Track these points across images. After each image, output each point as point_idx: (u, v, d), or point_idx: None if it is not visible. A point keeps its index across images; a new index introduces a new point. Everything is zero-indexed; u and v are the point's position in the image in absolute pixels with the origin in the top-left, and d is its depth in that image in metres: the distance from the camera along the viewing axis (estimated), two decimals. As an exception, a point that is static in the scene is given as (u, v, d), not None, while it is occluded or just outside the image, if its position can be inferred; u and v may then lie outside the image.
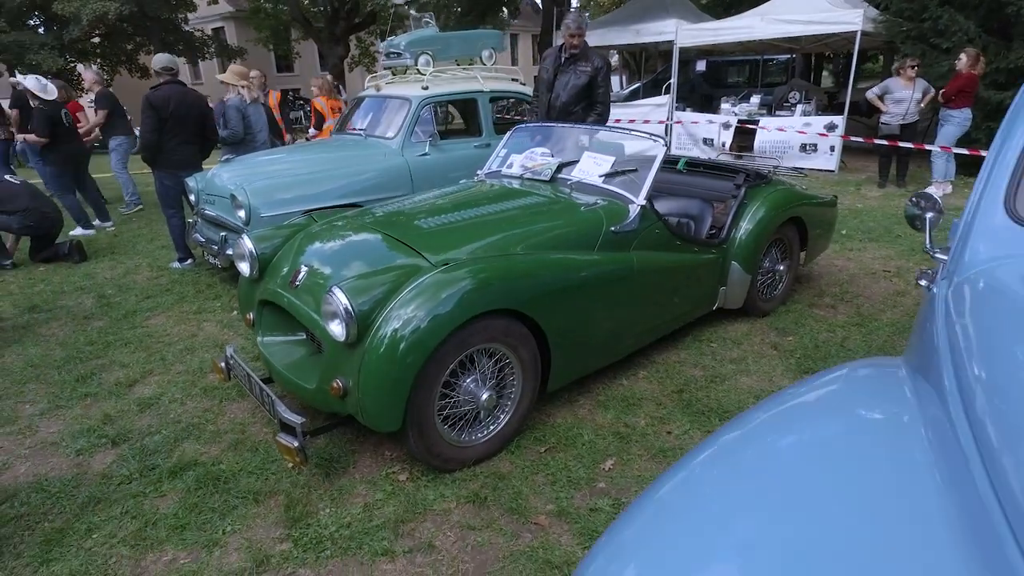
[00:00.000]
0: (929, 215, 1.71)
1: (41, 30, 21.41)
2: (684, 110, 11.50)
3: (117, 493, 2.52)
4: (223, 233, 4.65)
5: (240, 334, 4.08)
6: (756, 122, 10.14)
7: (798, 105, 10.30)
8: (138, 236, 6.92)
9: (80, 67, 23.44)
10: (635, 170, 3.25)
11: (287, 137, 7.89)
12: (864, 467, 0.99)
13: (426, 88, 5.25)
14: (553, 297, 2.65)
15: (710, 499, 1.01)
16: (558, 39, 13.97)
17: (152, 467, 2.67)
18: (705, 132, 10.69)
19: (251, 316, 3.02)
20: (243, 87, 5.78)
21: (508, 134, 3.97)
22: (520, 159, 3.72)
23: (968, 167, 8.18)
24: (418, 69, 5.56)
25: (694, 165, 4.47)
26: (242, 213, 4.35)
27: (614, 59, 16.36)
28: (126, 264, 5.83)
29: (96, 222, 7.28)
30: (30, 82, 6.45)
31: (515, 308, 2.50)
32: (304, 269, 2.74)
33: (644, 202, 3.12)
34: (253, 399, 3.16)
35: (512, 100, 6.48)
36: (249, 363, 3.06)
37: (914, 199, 1.76)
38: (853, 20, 9.00)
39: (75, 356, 3.83)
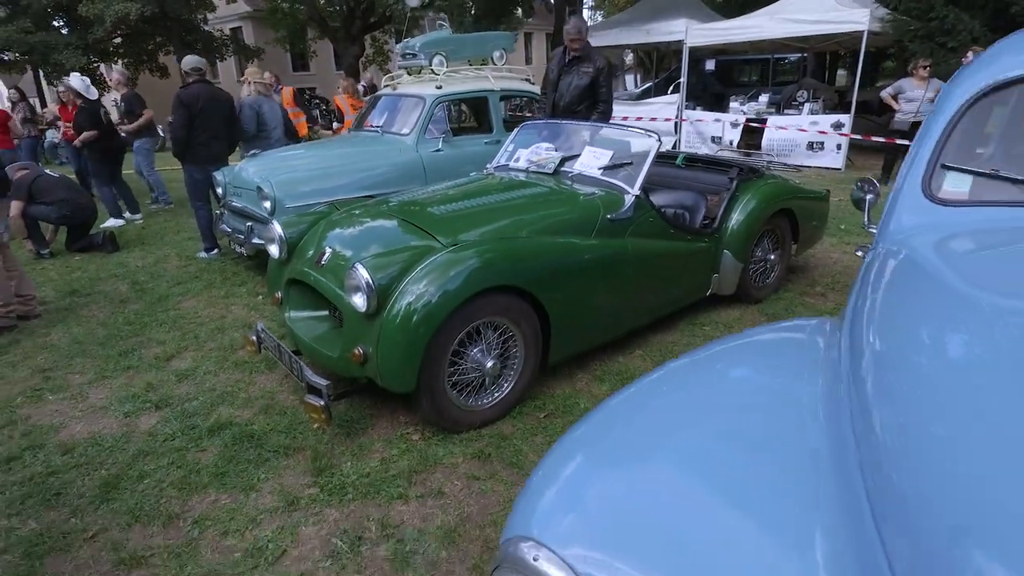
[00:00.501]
0: (868, 196, 1.98)
1: (65, 31, 22.10)
2: (695, 108, 11.74)
3: (163, 448, 2.86)
4: (249, 223, 4.99)
5: (265, 316, 4.42)
6: (764, 121, 10.36)
7: (805, 104, 10.50)
8: (165, 228, 7.31)
9: (103, 68, 24.13)
10: (631, 163, 3.54)
11: (305, 132, 8.23)
12: (773, 400, 1.25)
13: (440, 87, 5.56)
14: (553, 277, 2.95)
15: (654, 411, 1.29)
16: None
17: (192, 427, 3.01)
18: (713, 130, 10.92)
19: (279, 295, 3.35)
20: (256, 83, 6.11)
21: (515, 131, 4.27)
22: (526, 154, 4.02)
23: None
24: (432, 69, 5.88)
25: (692, 160, 4.74)
26: (267, 204, 4.69)
27: (628, 58, 16.59)
28: (156, 254, 6.20)
29: (127, 215, 7.69)
30: (75, 82, 6.88)
31: (517, 285, 2.81)
32: (328, 251, 3.06)
33: (639, 192, 3.40)
34: (281, 371, 3.49)
35: (524, 99, 6.76)
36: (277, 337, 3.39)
37: (858, 183, 2.04)
38: (860, 20, 9.20)
39: (115, 334, 4.20)
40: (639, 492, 1.03)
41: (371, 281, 2.60)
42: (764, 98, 11.33)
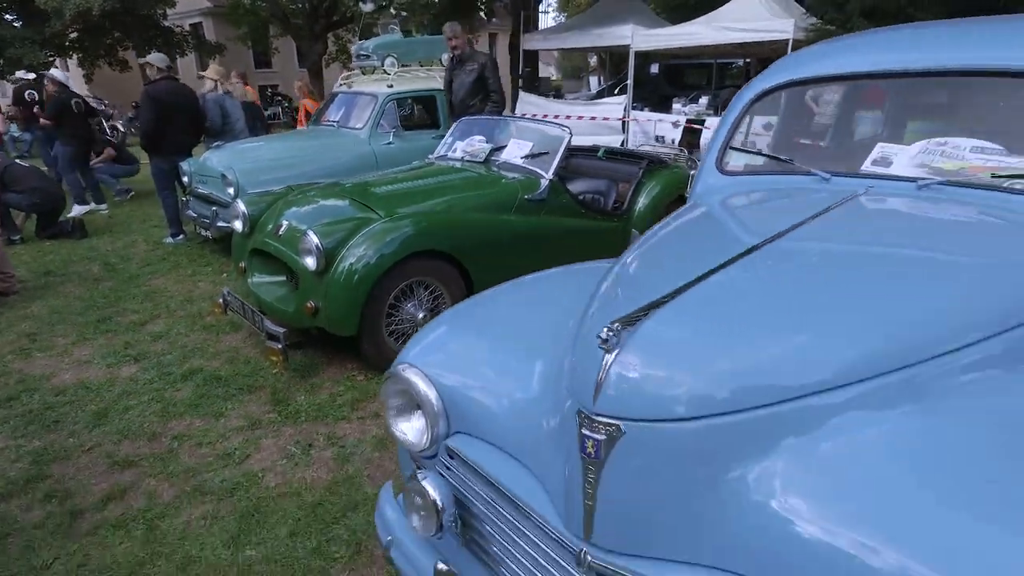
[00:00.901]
0: (692, 172, 2.65)
1: (18, 24, 21.90)
2: (643, 109, 12.52)
3: (143, 389, 3.39)
4: (214, 208, 5.50)
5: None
6: (703, 121, 11.17)
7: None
8: (131, 217, 7.72)
9: (52, 71, 23.91)
10: (547, 153, 4.19)
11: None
12: (578, 293, 1.85)
13: (391, 86, 6.15)
14: (475, 245, 3.57)
15: (498, 302, 1.90)
16: (527, 41, 14.88)
17: (168, 373, 3.55)
18: (658, 130, 11.70)
19: (243, 265, 3.90)
20: (220, 82, 6.62)
21: (454, 126, 4.88)
22: (462, 145, 4.64)
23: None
24: (384, 70, 6.45)
25: (612, 153, 5.42)
26: (231, 190, 5.21)
27: (593, 60, 17.37)
28: (124, 240, 6.64)
29: (91, 204, 8.05)
30: (58, 73, 7.34)
31: (443, 250, 3.42)
32: (285, 223, 3.63)
33: (552, 177, 4.05)
34: (245, 331, 4.04)
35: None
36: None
37: (688, 162, 2.71)
38: (785, 28, 10.07)
39: (92, 306, 4.68)
40: (477, 343, 1.64)
41: (320, 244, 3.19)
42: (704, 100, 12.17)
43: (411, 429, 1.55)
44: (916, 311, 1.24)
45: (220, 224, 5.35)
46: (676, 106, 12.20)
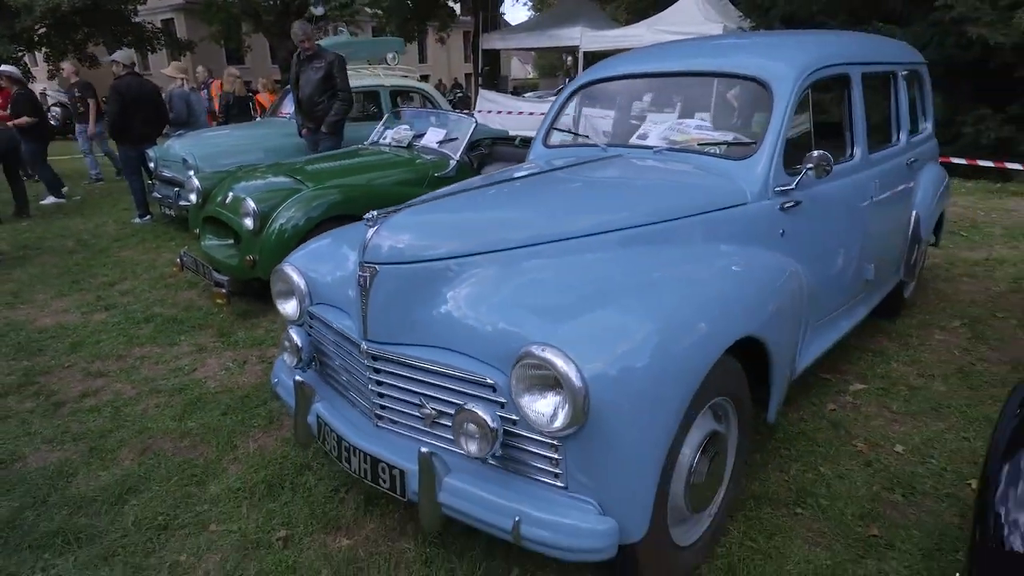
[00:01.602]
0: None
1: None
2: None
3: (113, 329, 4.17)
4: (176, 189, 6.26)
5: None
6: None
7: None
8: (102, 203, 8.43)
9: (4, 67, 24.20)
10: (456, 138, 5.04)
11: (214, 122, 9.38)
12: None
13: (338, 82, 6.93)
14: (388, 212, 4.40)
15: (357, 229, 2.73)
16: (485, 41, 15.71)
17: (132, 317, 4.33)
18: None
19: (197, 231, 4.70)
20: (183, 79, 7.40)
21: (384, 117, 5.72)
22: (391, 133, 5.48)
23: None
24: (333, 67, 7.24)
25: (526, 141, 6.28)
26: (191, 172, 5.97)
27: (568, 61, 18.22)
28: (95, 221, 7.37)
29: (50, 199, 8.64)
30: (10, 69, 7.94)
31: (360, 215, 4.24)
32: (231, 195, 4.43)
33: (458, 157, 4.89)
34: (199, 288, 4.83)
35: (414, 93, 8.16)
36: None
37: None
38: (715, 32, 11.02)
39: (67, 272, 5.43)
40: (335, 248, 2.47)
41: (255, 208, 4.00)
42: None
43: (289, 306, 2.38)
44: (590, 208, 2.13)
45: (182, 203, 6.10)
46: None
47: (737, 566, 2.07)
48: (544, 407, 1.60)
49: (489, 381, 1.71)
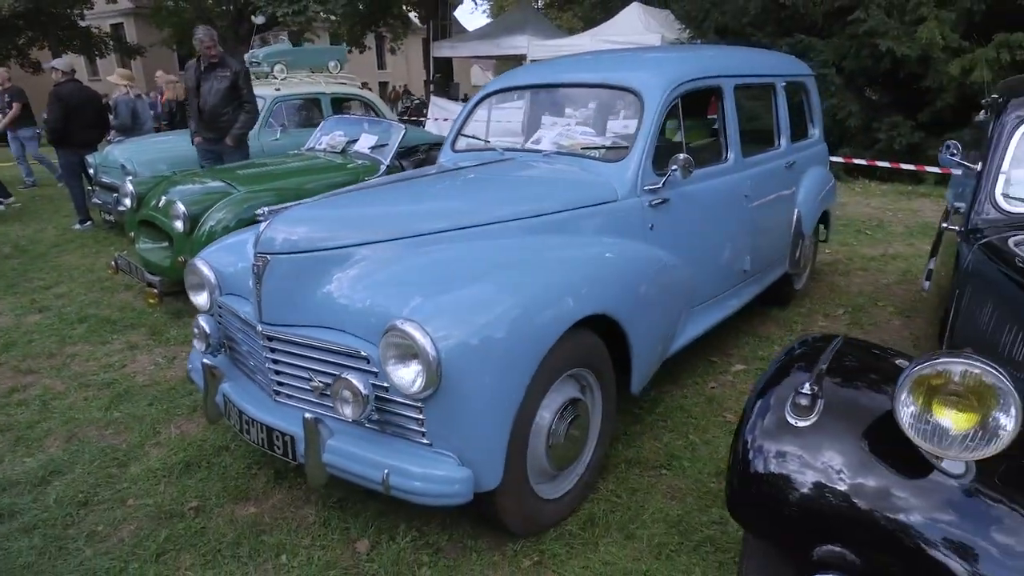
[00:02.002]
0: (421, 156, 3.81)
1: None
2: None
3: (46, 329, 4.29)
4: (115, 195, 6.34)
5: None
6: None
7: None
8: (42, 209, 8.41)
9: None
10: (387, 144, 5.28)
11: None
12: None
13: (278, 90, 7.13)
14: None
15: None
16: (436, 49, 15.94)
17: (66, 319, 4.46)
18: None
19: (132, 234, 4.84)
20: (128, 86, 7.48)
21: (321, 124, 5.93)
22: (327, 139, 5.69)
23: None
24: (274, 75, 7.43)
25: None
26: (130, 178, 6.08)
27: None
28: (34, 227, 7.38)
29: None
30: None
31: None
32: (164, 198, 4.60)
33: (389, 162, 5.14)
34: (135, 290, 4.97)
35: (355, 101, 8.35)
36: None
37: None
38: (653, 41, 11.50)
39: (3, 276, 5.49)
40: (240, 242, 2.70)
41: (185, 211, 4.19)
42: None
43: (201, 297, 2.60)
44: (471, 203, 2.41)
45: (121, 208, 6.20)
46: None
47: (597, 515, 2.36)
48: (407, 374, 1.87)
49: (363, 354, 1.97)
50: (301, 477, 2.61)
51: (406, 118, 14.70)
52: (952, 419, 1.28)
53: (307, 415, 1.99)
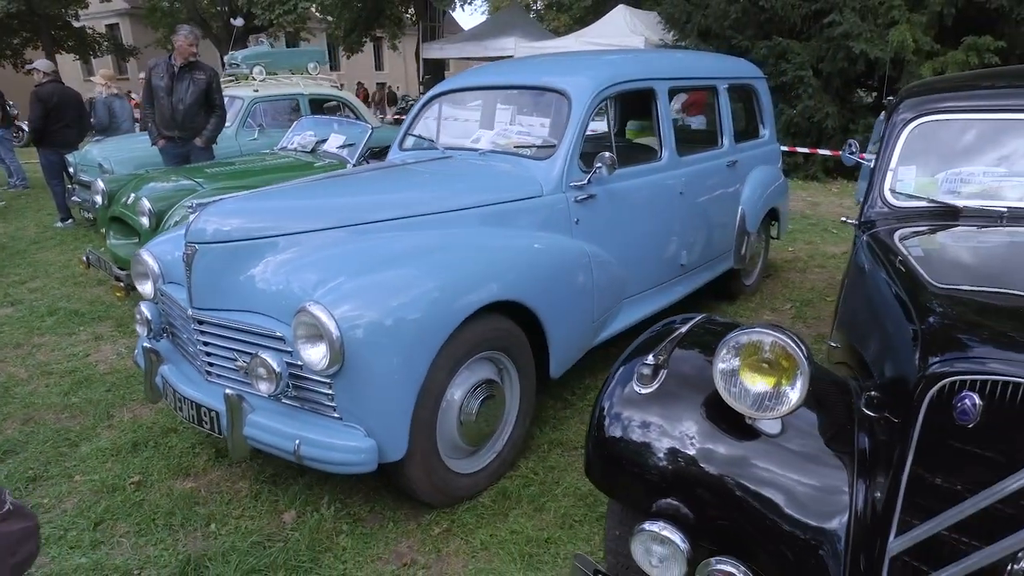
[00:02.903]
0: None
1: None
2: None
3: (16, 322, 4.49)
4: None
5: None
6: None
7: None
8: (26, 207, 8.61)
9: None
10: (354, 144, 5.48)
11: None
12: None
13: (256, 91, 7.33)
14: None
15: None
16: (426, 50, 16.16)
17: (37, 312, 4.65)
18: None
19: (104, 230, 5.03)
20: (106, 86, 7.70)
21: (293, 124, 6.12)
22: (298, 138, 5.89)
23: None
24: (252, 76, 7.63)
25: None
26: (100, 176, 6.28)
27: None
28: (16, 224, 7.58)
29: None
30: None
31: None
32: (133, 195, 4.79)
33: (355, 161, 5.33)
34: (107, 285, 5.16)
35: (335, 102, 8.55)
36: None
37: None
38: (637, 45, 11.70)
39: (-20, 272, 5.69)
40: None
41: (151, 208, 4.38)
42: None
43: (145, 287, 2.79)
44: (393, 195, 2.59)
45: (94, 205, 6.41)
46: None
47: (511, 490, 2.55)
48: (315, 353, 2.05)
49: (279, 334, 2.16)
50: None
51: (401, 118, 14.91)
52: (752, 382, 1.46)
53: (228, 391, 2.18)
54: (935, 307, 1.62)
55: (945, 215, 2.39)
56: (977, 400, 1.27)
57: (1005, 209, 2.26)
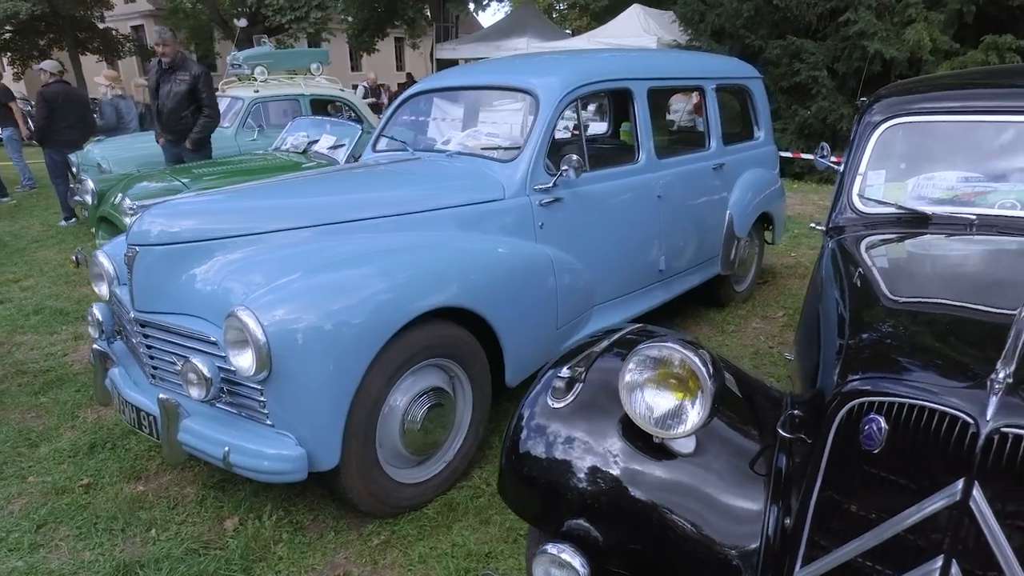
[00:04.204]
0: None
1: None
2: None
3: (2, 321, 4.55)
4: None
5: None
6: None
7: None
8: (34, 206, 8.78)
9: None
10: (343, 144, 5.47)
11: None
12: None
13: (257, 92, 7.38)
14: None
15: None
16: (439, 50, 16.23)
17: (23, 310, 4.71)
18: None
19: (93, 230, 5.10)
20: (111, 86, 7.82)
21: (287, 126, 6.15)
22: (292, 139, 5.91)
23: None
24: (254, 77, 7.69)
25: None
26: (89, 176, 6.37)
27: None
28: (22, 223, 7.73)
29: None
30: None
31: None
32: (120, 195, 4.84)
33: (343, 161, 5.33)
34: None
35: (337, 103, 8.57)
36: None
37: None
38: (649, 44, 11.57)
39: (-22, 270, 5.80)
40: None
41: (133, 206, 4.40)
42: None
43: (101, 288, 2.79)
44: (347, 197, 2.56)
45: (86, 196, 6.49)
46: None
47: (458, 501, 2.49)
48: (245, 359, 2.02)
49: (212, 339, 2.13)
50: (194, 461, 2.78)
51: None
52: (659, 399, 1.39)
53: (161, 395, 2.16)
54: (871, 322, 1.54)
55: (914, 222, 2.28)
56: (883, 424, 1.19)
57: (974, 217, 2.15)
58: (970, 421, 1.08)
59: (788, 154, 8.52)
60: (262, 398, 2.09)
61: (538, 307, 2.79)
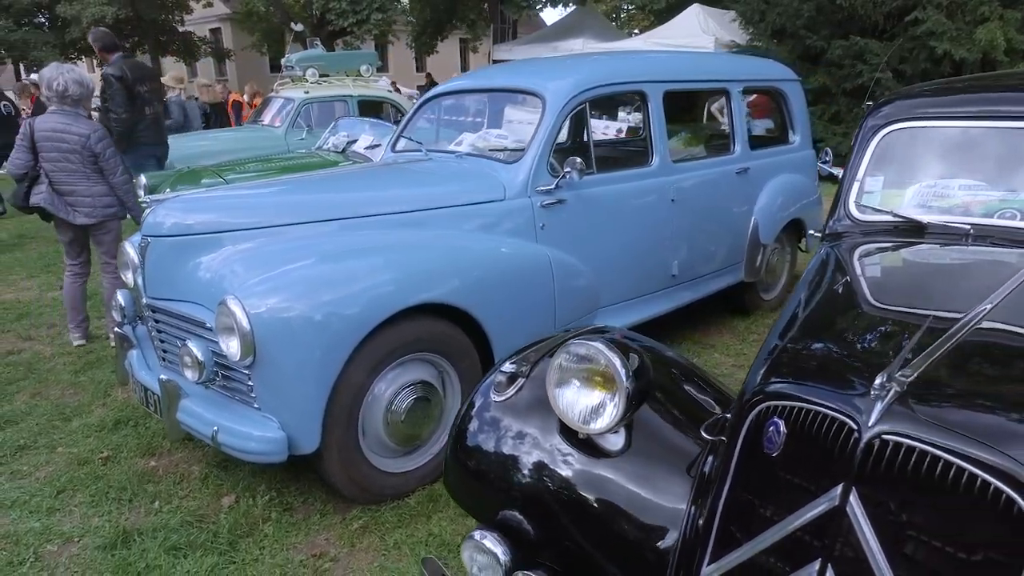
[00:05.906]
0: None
1: (46, 28, 24.45)
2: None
3: (58, 305, 4.94)
4: (153, 187, 7.10)
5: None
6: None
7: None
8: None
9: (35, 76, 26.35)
10: (379, 144, 5.67)
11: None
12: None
13: (307, 92, 7.72)
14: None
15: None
16: (496, 51, 16.41)
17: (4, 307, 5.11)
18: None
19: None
20: (180, 89, 8.32)
21: (331, 125, 6.42)
22: (333, 139, 6.17)
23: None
24: (305, 78, 8.05)
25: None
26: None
27: None
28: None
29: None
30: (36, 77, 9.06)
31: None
32: (168, 190, 5.18)
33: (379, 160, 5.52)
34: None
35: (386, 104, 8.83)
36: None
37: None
38: (706, 45, 11.41)
39: (43, 257, 6.32)
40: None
41: (148, 201, 4.71)
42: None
43: (127, 276, 3.04)
44: (352, 194, 2.72)
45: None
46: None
47: (440, 493, 2.58)
48: (233, 345, 2.18)
49: (208, 325, 2.30)
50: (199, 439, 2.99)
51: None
52: (581, 395, 1.45)
53: (162, 376, 2.35)
54: (807, 328, 1.55)
55: (911, 231, 2.23)
56: (783, 428, 1.21)
57: (970, 227, 2.09)
58: (855, 427, 1.09)
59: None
60: (250, 382, 2.25)
61: (534, 307, 2.85)
